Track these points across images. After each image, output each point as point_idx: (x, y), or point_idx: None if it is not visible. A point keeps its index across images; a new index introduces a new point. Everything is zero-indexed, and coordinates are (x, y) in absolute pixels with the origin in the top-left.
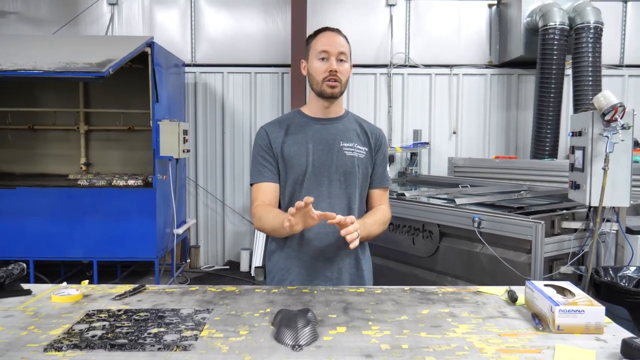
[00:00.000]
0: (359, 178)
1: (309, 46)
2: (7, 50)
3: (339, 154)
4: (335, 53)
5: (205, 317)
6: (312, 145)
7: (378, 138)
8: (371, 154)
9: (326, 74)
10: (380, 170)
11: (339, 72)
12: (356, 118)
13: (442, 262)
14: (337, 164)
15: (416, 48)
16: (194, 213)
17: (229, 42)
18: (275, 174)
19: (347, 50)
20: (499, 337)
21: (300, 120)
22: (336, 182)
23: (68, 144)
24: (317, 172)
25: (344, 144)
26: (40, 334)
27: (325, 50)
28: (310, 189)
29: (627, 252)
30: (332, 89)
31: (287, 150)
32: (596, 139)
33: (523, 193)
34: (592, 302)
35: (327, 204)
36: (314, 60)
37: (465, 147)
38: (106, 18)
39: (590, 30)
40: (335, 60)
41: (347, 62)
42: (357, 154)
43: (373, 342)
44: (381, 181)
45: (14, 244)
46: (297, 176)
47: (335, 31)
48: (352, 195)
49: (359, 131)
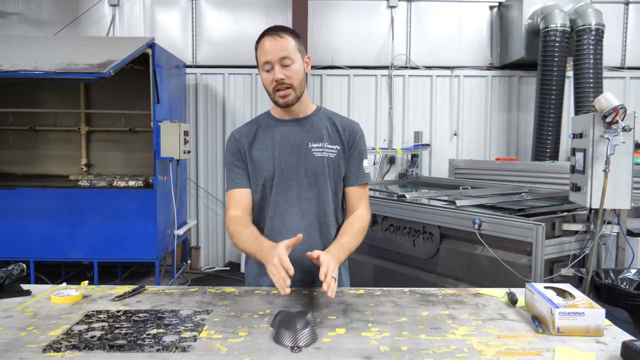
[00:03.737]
0: (330, 179)
1: (256, 56)
2: (8, 51)
3: (308, 155)
4: (277, 60)
5: (204, 319)
6: (279, 149)
7: (352, 133)
8: (344, 151)
9: (274, 84)
10: (355, 167)
11: (287, 77)
12: (328, 114)
13: (442, 263)
14: (305, 166)
15: (417, 50)
16: (194, 214)
17: (230, 43)
18: (247, 178)
19: (291, 48)
20: (498, 339)
21: (268, 123)
22: (306, 185)
23: (69, 145)
24: (285, 175)
25: (312, 144)
26: (40, 335)
27: (267, 60)
28: (279, 193)
29: (627, 254)
30: (284, 99)
31: (254, 155)
32: (597, 141)
33: (524, 195)
34: (592, 305)
35: (298, 208)
36: (261, 72)
37: (466, 149)
38: (107, 19)
39: (592, 32)
40: (279, 68)
41: (294, 62)
42: (327, 154)
43: (372, 343)
44: (357, 178)
45: (15, 245)
46: (266, 181)
47: (274, 34)
48: (324, 198)
49: (330, 129)
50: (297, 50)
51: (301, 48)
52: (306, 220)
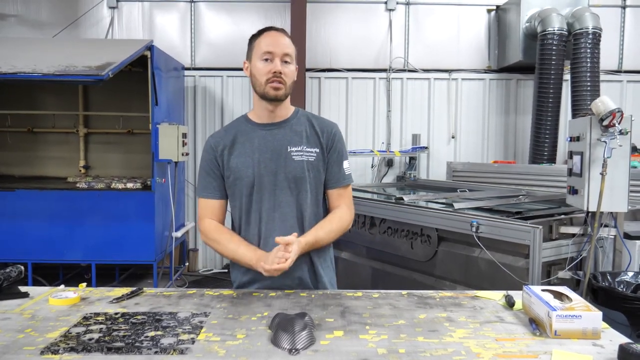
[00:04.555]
0: (311, 183)
1: (252, 46)
2: (6, 53)
3: (287, 160)
4: (280, 54)
5: (202, 321)
6: (259, 154)
7: (330, 135)
8: (323, 154)
9: (269, 75)
10: (336, 170)
11: (284, 73)
12: (308, 116)
13: (440, 266)
14: (285, 170)
15: (415, 53)
16: (192, 216)
17: (229, 46)
18: (221, 189)
19: (292, 51)
20: (496, 342)
21: (246, 128)
22: (286, 189)
23: (67, 146)
24: (266, 181)
25: (291, 148)
26: (37, 337)
27: (270, 51)
28: (261, 200)
29: (624, 257)
30: (275, 91)
31: (233, 162)
32: (594, 144)
33: (521, 198)
34: (590, 308)
35: (279, 213)
36: (257, 61)
37: (463, 152)
38: (106, 21)
39: (589, 35)
40: (279, 62)
41: (291, 63)
42: (306, 158)
43: (370, 346)
44: (337, 181)
45: (13, 247)
46: (246, 188)
47: (280, 31)
48: (304, 202)
49: (309, 131)
50: (294, 55)
51: (296, 55)
52: (288, 224)
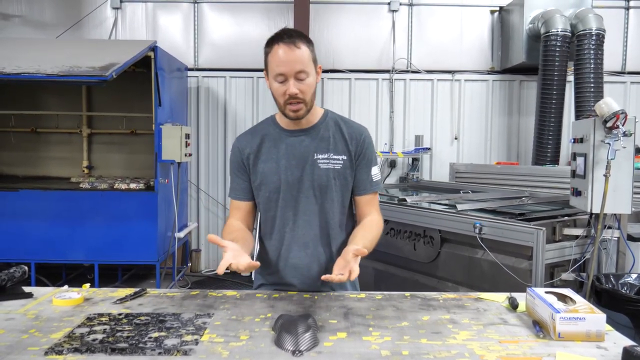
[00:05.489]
0: (337, 191)
1: (266, 61)
2: (10, 54)
3: (313, 167)
4: (292, 74)
5: (205, 322)
6: (285, 161)
7: (359, 142)
8: (351, 161)
9: (286, 97)
10: (364, 176)
11: (300, 92)
12: (336, 120)
13: (443, 268)
14: (311, 178)
15: (418, 54)
16: (195, 217)
17: (232, 46)
18: (247, 191)
19: (307, 60)
20: (499, 344)
21: (274, 132)
22: (312, 197)
23: (70, 147)
24: (291, 188)
25: (318, 155)
26: (41, 338)
27: (281, 72)
28: (285, 206)
29: (628, 259)
30: (295, 113)
31: (260, 167)
32: (598, 145)
33: (524, 199)
34: (593, 310)
35: (303, 220)
36: (272, 81)
37: (466, 153)
38: (110, 22)
39: (592, 36)
40: (293, 81)
41: (309, 75)
42: (332, 166)
43: (373, 348)
44: (365, 187)
45: (16, 247)
46: (271, 193)
47: (290, 44)
48: (330, 211)
49: (337, 137)
50: (311, 62)
51: (314, 57)
52: (312, 232)
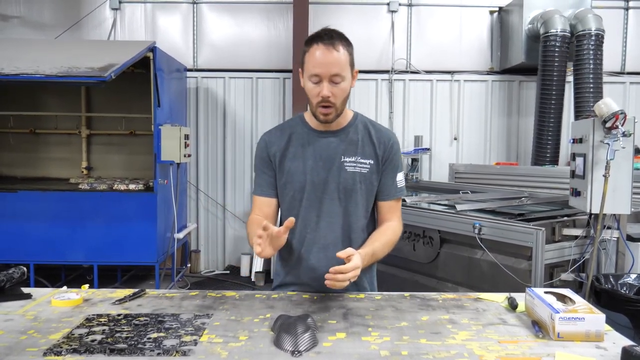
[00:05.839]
0: (361, 195)
1: (304, 59)
2: (9, 54)
3: (340, 170)
4: (327, 76)
5: (204, 322)
6: (312, 161)
7: (387, 147)
8: (378, 166)
9: (319, 99)
10: (389, 182)
11: (333, 95)
12: (366, 124)
13: (442, 268)
14: (337, 180)
15: (417, 54)
16: (194, 217)
17: (231, 47)
18: (273, 187)
19: (344, 64)
20: (498, 344)
21: (302, 131)
22: (336, 200)
23: (70, 147)
24: (316, 189)
25: (345, 158)
26: (40, 338)
27: (316, 73)
28: (308, 207)
29: (627, 259)
30: (325, 116)
31: (286, 165)
32: (597, 146)
33: (524, 200)
34: (593, 310)
35: (327, 222)
36: (307, 81)
37: (466, 153)
38: (109, 23)
39: (592, 37)
40: (327, 84)
41: (344, 79)
42: (359, 169)
43: (372, 348)
44: (389, 193)
45: (15, 248)
46: (295, 192)
47: (330, 46)
48: (353, 214)
49: (366, 141)
50: (348, 66)
51: (352, 61)
52: (334, 234)
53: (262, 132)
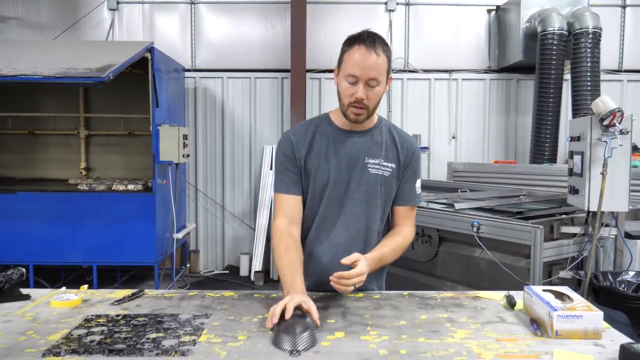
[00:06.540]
0: (381, 198)
1: (342, 58)
2: (7, 55)
3: (363, 171)
4: (365, 79)
5: (203, 322)
6: (335, 160)
7: (410, 153)
8: (399, 170)
9: (352, 99)
10: (408, 187)
11: (367, 98)
12: (389, 128)
13: (441, 266)
14: (359, 181)
15: (415, 53)
16: (193, 217)
17: (229, 47)
18: (297, 184)
19: (382, 69)
20: (497, 343)
21: (327, 129)
22: (357, 201)
23: (68, 148)
24: (337, 188)
25: (369, 160)
26: (39, 339)
27: (354, 74)
28: (328, 206)
29: (625, 257)
30: (356, 116)
31: (310, 162)
32: (595, 144)
33: (522, 198)
34: (591, 307)
35: (343, 222)
36: (342, 80)
37: (464, 152)
38: (107, 23)
39: (589, 35)
40: (363, 86)
41: (379, 84)
42: (382, 172)
43: (371, 347)
44: (406, 199)
45: (14, 249)
46: (317, 191)
47: (371, 49)
48: (372, 216)
49: (389, 145)
50: (385, 72)
51: (390, 67)
52: (348, 235)
53: (260, 132)
